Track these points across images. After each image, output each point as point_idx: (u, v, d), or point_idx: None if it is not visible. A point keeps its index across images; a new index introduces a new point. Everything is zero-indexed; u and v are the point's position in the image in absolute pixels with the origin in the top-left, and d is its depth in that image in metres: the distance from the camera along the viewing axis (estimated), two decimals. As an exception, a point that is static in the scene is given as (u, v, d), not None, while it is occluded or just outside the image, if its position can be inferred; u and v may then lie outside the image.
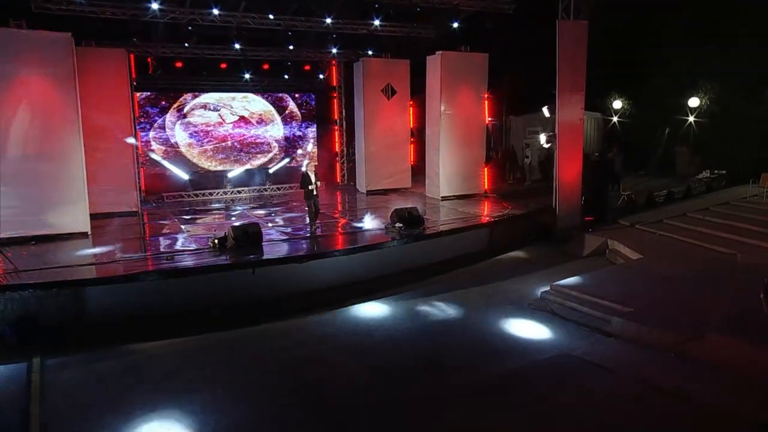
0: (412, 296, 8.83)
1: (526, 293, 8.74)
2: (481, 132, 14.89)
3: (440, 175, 14.45)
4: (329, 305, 8.32)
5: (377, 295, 8.81)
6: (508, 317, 7.84)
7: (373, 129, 15.91)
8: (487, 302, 8.48)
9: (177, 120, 16.02)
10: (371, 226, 11.05)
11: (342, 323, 7.71)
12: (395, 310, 8.25)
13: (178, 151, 16.13)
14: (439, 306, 8.35)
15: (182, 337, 7.22)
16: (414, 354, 6.67)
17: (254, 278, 8.15)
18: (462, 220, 11.65)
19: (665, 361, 6.24)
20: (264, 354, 6.72)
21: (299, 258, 8.63)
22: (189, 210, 13.96)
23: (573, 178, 12.23)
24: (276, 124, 17.38)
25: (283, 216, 13.07)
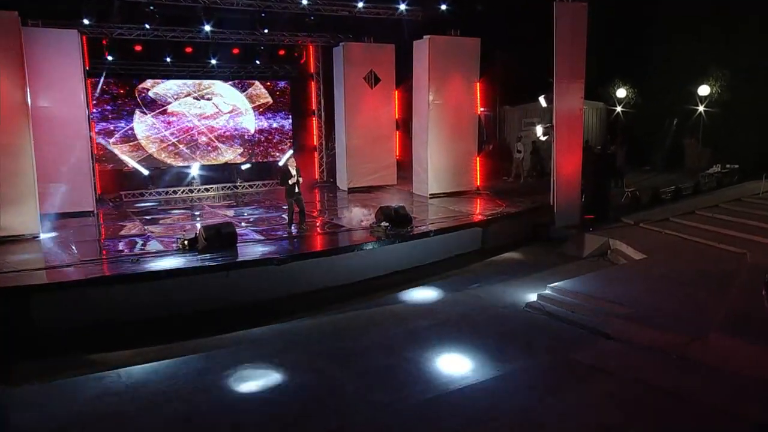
0: (399, 300, 9.17)
1: (521, 296, 9.14)
2: (473, 124, 15.33)
3: (428, 170, 14.85)
4: (311, 310, 8.60)
5: (361, 299, 9.10)
6: (502, 321, 8.18)
7: (355, 120, 16.25)
8: (481, 306, 8.82)
9: (135, 110, 16.15)
10: (355, 225, 11.41)
11: (325, 329, 7.96)
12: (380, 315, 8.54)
13: (137, 145, 16.27)
14: (429, 311, 8.66)
15: (151, 345, 7.45)
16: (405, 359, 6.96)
17: (229, 282, 8.42)
18: (452, 219, 12.05)
19: (666, 362, 6.65)
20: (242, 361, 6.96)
21: (278, 260, 8.89)
22: (151, 210, 14.15)
23: (572, 174, 12.67)
24: (247, 115, 17.60)
25: (256, 215, 13.34)
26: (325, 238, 10.97)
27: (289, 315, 8.43)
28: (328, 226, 11.88)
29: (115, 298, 7.94)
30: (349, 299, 9.13)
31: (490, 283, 9.95)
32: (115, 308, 7.92)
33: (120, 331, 7.72)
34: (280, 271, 8.80)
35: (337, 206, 14.67)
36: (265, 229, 11.46)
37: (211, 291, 8.42)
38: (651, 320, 7.56)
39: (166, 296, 8.15)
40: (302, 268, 9.19)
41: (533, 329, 7.92)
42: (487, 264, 11.30)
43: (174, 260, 8.75)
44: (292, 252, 9.50)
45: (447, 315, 8.50)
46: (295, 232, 10.84)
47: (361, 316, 8.49)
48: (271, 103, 17.92)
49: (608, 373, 6.50)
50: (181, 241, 9.32)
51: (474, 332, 7.82)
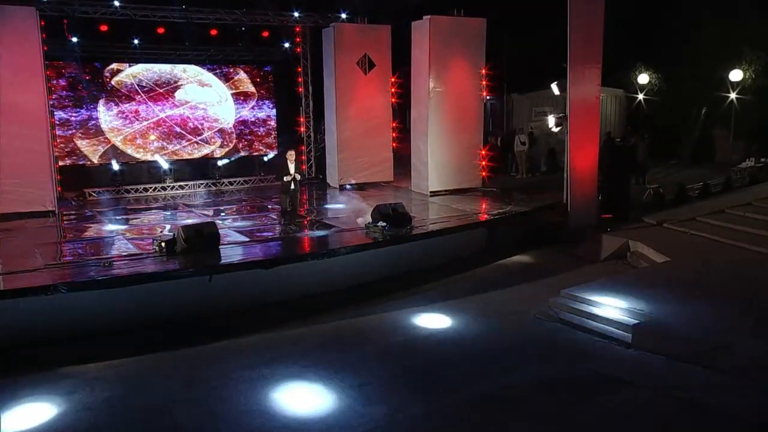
0: (399, 306, 9.48)
1: (532, 303, 9.45)
2: (478, 114, 15.68)
3: (429, 166, 15.17)
4: (302, 318, 8.89)
5: (357, 306, 9.41)
6: (510, 329, 8.48)
7: (347, 110, 16.57)
8: (487, 313, 9.12)
9: (100, 98, 16.34)
10: (349, 225, 11.71)
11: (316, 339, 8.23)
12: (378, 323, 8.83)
13: (102, 137, 16.47)
14: (430, 319, 8.95)
15: (127, 357, 7.69)
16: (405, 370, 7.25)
17: (211, 287, 8.69)
18: (456, 218, 12.37)
19: (691, 372, 6.97)
20: (228, 375, 7.21)
21: (265, 263, 9.14)
22: (119, 209, 14.43)
23: (588, 169, 13.01)
24: (226, 104, 17.84)
25: (239, 215, 13.64)
26: (316, 239, 11.26)
27: (278, 323, 8.70)
28: (317, 226, 12.17)
29: (86, 305, 8.17)
30: (344, 305, 9.42)
31: (497, 289, 10.26)
32: (85, 317, 8.15)
33: (92, 342, 7.95)
34: (268, 275, 9.06)
35: (328, 205, 14.98)
36: (250, 230, 11.76)
37: (191, 297, 8.69)
38: (674, 328, 7.90)
39: (142, 303, 8.41)
40: (293, 272, 9.46)
41: (545, 338, 8.23)
42: (493, 268, 11.63)
43: (150, 264, 9.00)
44: (282, 254, 9.78)
45: (449, 322, 8.78)
46: (283, 233, 11.12)
47: (356, 325, 8.77)
48: (254, 91, 18.21)
49: (627, 383, 6.81)
50: (157, 243, 9.56)
51: (479, 341, 8.11)
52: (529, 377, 7.03)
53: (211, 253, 9.37)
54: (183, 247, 9.28)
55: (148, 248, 9.88)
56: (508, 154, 19.41)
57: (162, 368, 7.43)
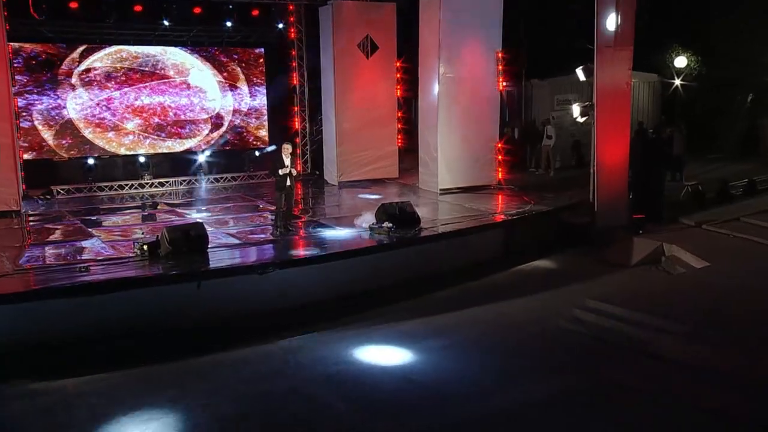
0: (406, 316, 9.73)
1: (555, 312, 9.68)
2: (494, 102, 15.90)
3: (439, 160, 15.41)
4: (299, 328, 9.15)
5: (360, 315, 9.68)
6: (531, 341, 8.72)
7: (347, 98, 16.84)
8: (505, 323, 9.37)
9: (68, 84, 16.54)
10: (351, 227, 12.00)
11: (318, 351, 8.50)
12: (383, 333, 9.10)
13: (70, 128, 16.65)
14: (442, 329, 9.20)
15: (106, 371, 7.92)
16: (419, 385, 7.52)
17: (200, 294, 8.95)
18: (469, 219, 12.64)
19: (727, 385, 7.22)
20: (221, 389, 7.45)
21: (260, 267, 9.41)
22: (92, 209, 14.73)
23: (617, 163, 13.21)
24: (211, 92, 18.11)
25: (228, 215, 13.95)
26: (315, 241, 11.52)
27: (274, 334, 8.94)
28: (316, 227, 12.46)
29: (60, 315, 8.41)
30: (346, 315, 9.65)
31: (515, 297, 10.47)
32: (60, 327, 8.37)
33: (67, 355, 8.15)
34: (262, 281, 9.33)
35: (326, 204, 15.24)
36: (241, 231, 12.03)
37: (178, 306, 8.94)
38: (710, 339, 8.15)
39: (123, 312, 8.65)
40: (290, 278, 9.72)
41: (569, 350, 8.46)
42: (511, 274, 11.85)
43: (131, 269, 9.27)
44: (277, 258, 10.03)
45: (464, 335, 9.03)
46: (279, 234, 11.40)
47: (360, 336, 9.02)
48: (243, 77, 18.45)
49: (657, 396, 7.08)
50: (138, 245, 9.82)
51: (496, 354, 8.36)
52: (549, 393, 7.26)
53: (199, 257, 9.62)
54: (168, 250, 9.51)
55: (129, 251, 10.14)
56: (526, 148, 19.64)
57: (146, 384, 7.64)
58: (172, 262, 9.44)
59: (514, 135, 19.29)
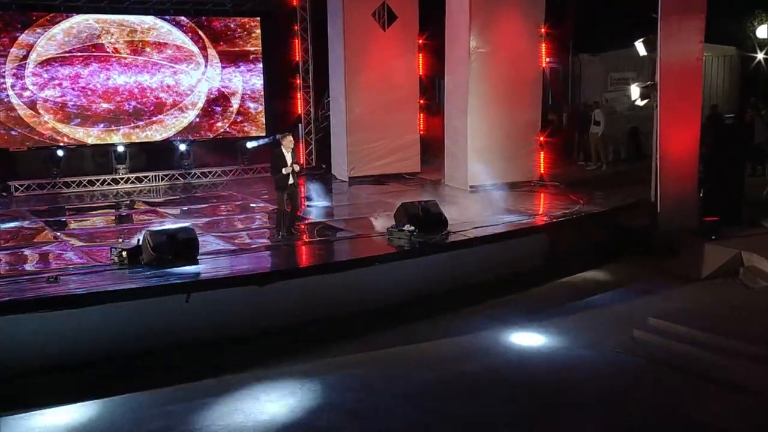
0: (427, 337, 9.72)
1: (609, 333, 9.66)
2: (535, 82, 15.90)
3: (469, 152, 15.41)
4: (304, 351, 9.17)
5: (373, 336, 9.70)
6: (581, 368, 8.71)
7: (360, 78, 16.88)
8: (550, 347, 9.37)
9: (30, 60, 16.58)
10: (364, 230, 12.06)
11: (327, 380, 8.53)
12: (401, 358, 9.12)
13: (29, 112, 16.66)
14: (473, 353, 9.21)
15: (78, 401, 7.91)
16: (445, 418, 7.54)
17: (188, 309, 8.97)
18: (506, 222, 12.63)
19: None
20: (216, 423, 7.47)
21: (259, 278, 9.43)
22: (58, 208, 14.90)
23: (685, 155, 13.13)
24: (197, 70, 18.20)
25: (219, 216, 14.06)
26: (322, 248, 11.55)
27: (275, 356, 8.97)
28: (323, 230, 12.50)
29: (26, 332, 8.44)
30: (357, 335, 9.68)
31: (560, 315, 10.42)
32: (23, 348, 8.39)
33: (34, 382, 8.18)
34: (261, 293, 9.35)
35: (334, 203, 15.32)
36: (236, 235, 12.11)
37: (163, 322, 8.96)
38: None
39: (99, 330, 8.69)
40: (292, 291, 9.74)
41: (628, 378, 8.41)
42: (556, 287, 11.83)
43: (108, 279, 9.33)
44: (279, 267, 10.10)
45: (500, 360, 9.02)
46: (282, 240, 11.47)
47: (374, 360, 9.05)
48: (235, 52, 18.51)
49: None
50: (117, 251, 9.87)
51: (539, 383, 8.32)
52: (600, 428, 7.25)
53: (188, 266, 9.64)
54: (151, 256, 9.55)
55: (105, 258, 10.20)
56: (574, 136, 19.61)
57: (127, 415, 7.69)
58: (157, 271, 9.46)
59: (560, 121, 19.27)
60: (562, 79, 20.65)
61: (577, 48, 20.57)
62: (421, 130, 17.66)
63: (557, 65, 19.76)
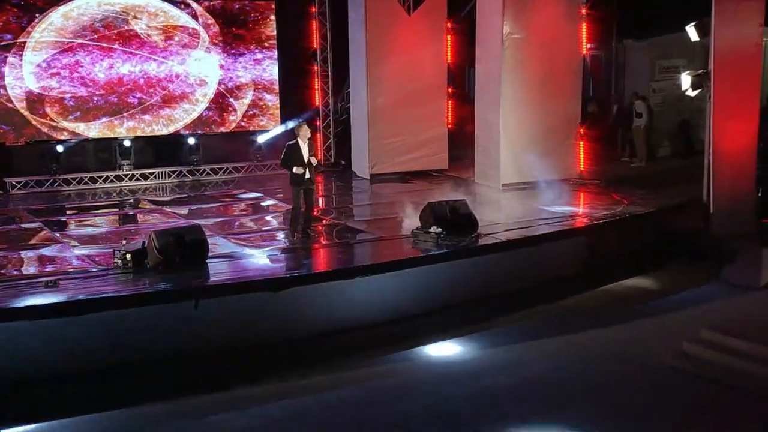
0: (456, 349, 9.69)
1: (655, 346, 9.56)
2: (575, 71, 15.91)
3: (502, 147, 15.44)
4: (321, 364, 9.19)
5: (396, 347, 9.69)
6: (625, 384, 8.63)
7: (383, 66, 16.93)
8: (589, 360, 9.31)
9: (26, 48, 16.63)
10: (388, 232, 12.10)
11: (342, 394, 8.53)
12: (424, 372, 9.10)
13: (25, 103, 16.74)
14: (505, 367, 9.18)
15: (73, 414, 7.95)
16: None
17: (197, 317, 9.02)
18: (542, 223, 12.67)
19: None
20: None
21: (273, 283, 9.46)
22: (57, 206, 15.04)
23: (742, 151, 12.97)
24: (205, 58, 18.24)
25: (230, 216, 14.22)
26: (341, 251, 11.61)
27: (290, 369, 8.99)
28: (341, 231, 12.58)
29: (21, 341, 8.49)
30: (378, 347, 9.68)
31: (601, 327, 10.36)
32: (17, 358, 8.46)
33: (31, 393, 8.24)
34: (275, 301, 9.40)
35: (354, 202, 15.39)
36: (249, 237, 12.18)
37: (170, 330, 9.02)
38: None
39: (100, 338, 8.74)
40: (308, 298, 9.79)
41: (678, 396, 8.34)
42: (597, 296, 11.78)
43: (111, 283, 9.39)
44: (295, 272, 10.13)
45: (534, 374, 8.94)
46: (298, 241, 11.55)
47: (396, 374, 9.04)
48: (248, 39, 18.59)
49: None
50: (120, 254, 9.91)
51: (573, 404, 8.24)
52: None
53: (197, 269, 9.72)
54: (157, 259, 9.59)
55: (108, 262, 10.27)
56: (618, 130, 19.48)
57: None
58: (163, 275, 9.53)
59: (602, 113, 19.16)
60: (605, 68, 20.53)
61: (622, 33, 20.39)
62: (450, 123, 17.67)
63: (599, 52, 19.67)
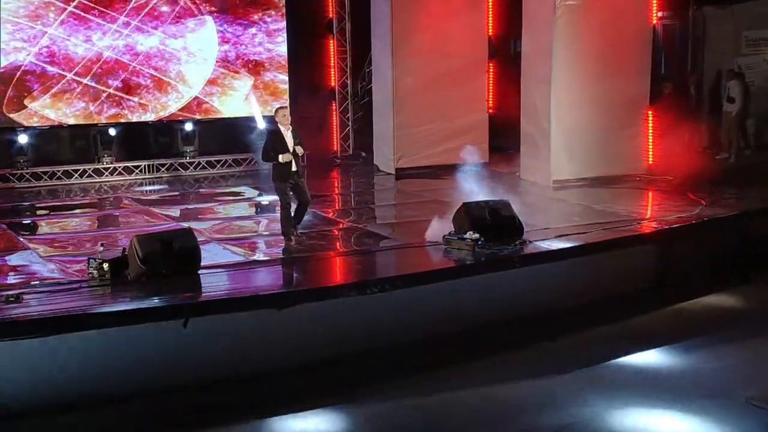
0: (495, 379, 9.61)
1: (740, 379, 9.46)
2: (643, 44, 15.85)
3: (553, 136, 15.40)
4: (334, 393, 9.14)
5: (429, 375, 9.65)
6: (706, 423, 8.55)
7: (411, 41, 16.99)
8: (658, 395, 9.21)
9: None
10: (414, 237, 12.08)
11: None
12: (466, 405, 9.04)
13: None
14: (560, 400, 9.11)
15: None
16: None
17: (187, 338, 8.98)
18: (601, 228, 12.50)
19: None
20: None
21: (277, 299, 9.45)
22: (24, 205, 15.21)
23: None
24: (201, 30, 18.36)
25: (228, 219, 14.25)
26: (358, 260, 11.58)
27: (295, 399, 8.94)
28: (362, 237, 12.63)
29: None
30: (407, 375, 9.64)
31: (673, 354, 10.29)
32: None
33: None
34: (279, 320, 9.36)
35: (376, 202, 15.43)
36: (249, 243, 12.24)
37: (154, 355, 8.98)
38: None
39: (72, 364, 8.71)
40: (320, 317, 9.75)
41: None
42: (669, 316, 11.69)
43: (84, 299, 9.37)
44: (302, 285, 10.15)
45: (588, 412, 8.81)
46: (293, 246, 11.58)
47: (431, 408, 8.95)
48: (252, 7, 18.72)
49: None
50: (95, 263, 9.90)
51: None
52: None
53: (187, 282, 9.70)
54: (140, 270, 9.59)
55: (81, 272, 10.26)
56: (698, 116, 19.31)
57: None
58: (146, 288, 9.51)
59: (677, 95, 19.01)
60: (679, 40, 20.36)
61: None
62: (490, 107, 17.74)
63: (672, 21, 19.54)
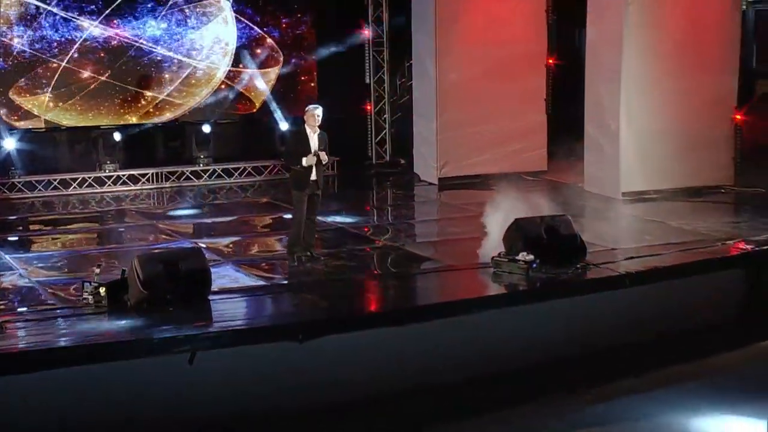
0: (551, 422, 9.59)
1: None
2: (729, 34, 15.79)
3: (622, 142, 15.34)
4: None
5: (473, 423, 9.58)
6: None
7: (458, 31, 17.06)
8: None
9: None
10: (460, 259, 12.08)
11: None
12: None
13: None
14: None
15: None
16: None
17: (194, 374, 9.03)
18: (678, 249, 12.48)
19: None
20: None
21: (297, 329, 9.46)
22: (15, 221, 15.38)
23: None
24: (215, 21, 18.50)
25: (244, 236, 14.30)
26: (393, 285, 11.66)
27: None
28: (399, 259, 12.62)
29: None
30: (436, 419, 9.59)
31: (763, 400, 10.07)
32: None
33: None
34: (300, 355, 9.38)
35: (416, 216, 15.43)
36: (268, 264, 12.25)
37: (158, 392, 8.98)
38: None
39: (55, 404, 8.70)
40: (347, 350, 9.76)
41: None
42: (759, 352, 11.61)
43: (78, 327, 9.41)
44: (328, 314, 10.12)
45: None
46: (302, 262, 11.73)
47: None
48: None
49: None
50: (91, 288, 9.95)
51: None
52: None
53: (195, 309, 9.76)
54: (141, 295, 9.64)
55: (74, 297, 10.35)
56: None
57: None
58: (148, 316, 9.55)
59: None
60: (767, 31, 20.25)
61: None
62: (549, 107, 17.65)
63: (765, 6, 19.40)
